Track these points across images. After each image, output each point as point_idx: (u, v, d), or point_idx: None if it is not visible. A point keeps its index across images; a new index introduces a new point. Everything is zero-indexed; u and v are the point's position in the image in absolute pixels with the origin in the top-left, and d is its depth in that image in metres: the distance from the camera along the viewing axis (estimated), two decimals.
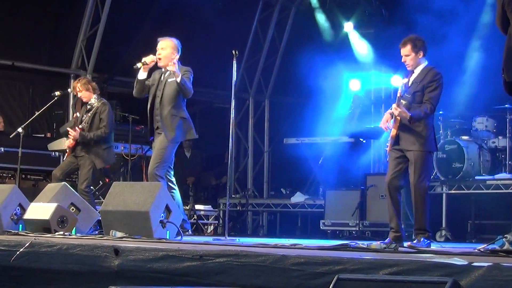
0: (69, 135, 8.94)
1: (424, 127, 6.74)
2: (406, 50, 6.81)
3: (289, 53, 14.79)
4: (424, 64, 6.86)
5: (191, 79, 7.94)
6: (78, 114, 9.34)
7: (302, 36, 14.55)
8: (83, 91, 9.11)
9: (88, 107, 9.12)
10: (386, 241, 6.60)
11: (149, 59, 7.93)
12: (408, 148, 6.74)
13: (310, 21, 14.33)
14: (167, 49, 7.98)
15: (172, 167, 8.08)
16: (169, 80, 7.96)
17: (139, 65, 7.93)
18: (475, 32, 10.99)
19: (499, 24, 4.91)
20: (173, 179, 8.05)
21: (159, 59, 7.97)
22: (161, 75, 8.08)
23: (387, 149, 6.94)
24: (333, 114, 13.57)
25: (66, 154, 9.18)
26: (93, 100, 9.09)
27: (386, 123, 6.88)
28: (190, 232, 8.34)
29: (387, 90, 13.57)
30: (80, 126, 8.95)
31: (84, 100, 9.25)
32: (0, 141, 10.99)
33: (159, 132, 7.99)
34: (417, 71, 6.86)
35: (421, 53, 6.83)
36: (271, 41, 14.76)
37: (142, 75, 8.00)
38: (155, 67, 8.18)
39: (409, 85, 6.81)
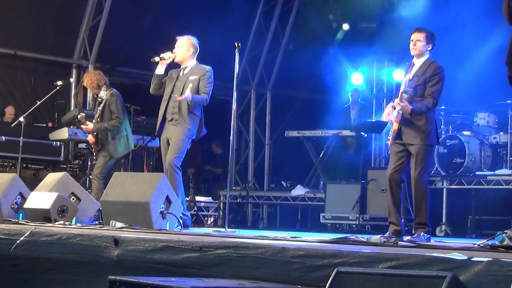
0: (84, 130, 8.98)
1: (426, 121, 6.75)
2: (420, 36, 6.82)
3: (291, 45, 14.76)
4: (427, 56, 6.87)
5: (212, 80, 7.95)
6: (83, 113, 9.27)
7: (304, 29, 14.52)
8: (91, 84, 9.11)
9: (99, 100, 9.15)
10: (386, 235, 6.61)
11: (166, 55, 7.96)
12: (410, 142, 6.74)
13: (313, 14, 14.30)
14: (182, 46, 8.01)
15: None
16: (190, 77, 7.96)
17: (156, 58, 7.94)
18: (478, 27, 10.95)
19: (506, 15, 4.88)
20: None
21: (176, 56, 7.99)
22: (180, 72, 8.07)
23: (389, 143, 6.95)
24: (334, 108, 13.56)
25: (93, 149, 9.16)
26: (102, 93, 9.10)
27: (388, 116, 6.88)
28: (189, 229, 8.33)
29: (389, 84, 13.55)
30: (93, 121, 8.99)
31: (89, 89, 9.33)
32: (2, 130, 10.99)
33: (173, 123, 7.96)
34: (419, 63, 6.86)
35: (430, 46, 6.86)
36: (274, 33, 14.74)
37: (160, 70, 8.00)
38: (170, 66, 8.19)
39: (411, 78, 6.81)
